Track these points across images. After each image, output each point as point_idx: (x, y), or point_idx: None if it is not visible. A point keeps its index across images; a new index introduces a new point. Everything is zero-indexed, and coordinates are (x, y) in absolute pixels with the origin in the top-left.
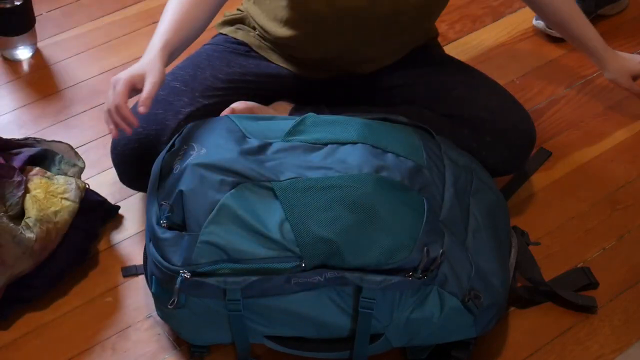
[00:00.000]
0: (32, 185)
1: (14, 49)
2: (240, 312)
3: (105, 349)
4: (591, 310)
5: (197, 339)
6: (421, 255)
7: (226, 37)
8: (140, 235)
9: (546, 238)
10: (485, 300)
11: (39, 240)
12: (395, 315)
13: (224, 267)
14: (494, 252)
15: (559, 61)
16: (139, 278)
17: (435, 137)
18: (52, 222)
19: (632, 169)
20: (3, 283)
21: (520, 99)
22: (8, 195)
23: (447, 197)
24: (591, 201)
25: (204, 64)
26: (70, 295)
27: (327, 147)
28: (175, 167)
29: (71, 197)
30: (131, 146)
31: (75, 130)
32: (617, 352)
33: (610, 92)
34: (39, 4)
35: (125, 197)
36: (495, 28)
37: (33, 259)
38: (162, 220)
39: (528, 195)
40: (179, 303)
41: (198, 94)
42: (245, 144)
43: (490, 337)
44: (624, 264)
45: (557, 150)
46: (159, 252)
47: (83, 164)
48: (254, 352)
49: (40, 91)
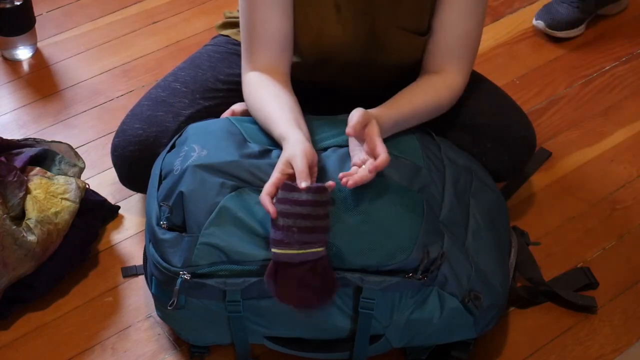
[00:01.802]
0: (32, 185)
1: (14, 49)
2: (240, 314)
3: (105, 349)
4: (591, 310)
5: (197, 340)
6: (421, 256)
7: (227, 38)
8: (140, 235)
9: (546, 238)
10: (485, 301)
11: (41, 243)
12: (396, 316)
13: (223, 268)
14: (494, 253)
15: (559, 61)
16: (139, 278)
17: (434, 137)
18: (53, 223)
19: (632, 169)
20: (4, 285)
21: (520, 99)
22: (10, 196)
23: (447, 198)
24: (591, 201)
25: (204, 65)
26: (70, 295)
27: (326, 151)
28: (176, 168)
29: (71, 198)
30: (131, 148)
31: (75, 130)
32: (617, 352)
33: (610, 92)
34: (39, 4)
35: (125, 197)
36: (495, 28)
37: (34, 261)
38: (162, 221)
39: (528, 195)
40: (178, 304)
41: (199, 96)
42: (246, 148)
43: (490, 337)
44: (624, 264)
45: (557, 150)
46: (158, 253)
47: (83, 164)
48: (253, 353)
49: (40, 91)
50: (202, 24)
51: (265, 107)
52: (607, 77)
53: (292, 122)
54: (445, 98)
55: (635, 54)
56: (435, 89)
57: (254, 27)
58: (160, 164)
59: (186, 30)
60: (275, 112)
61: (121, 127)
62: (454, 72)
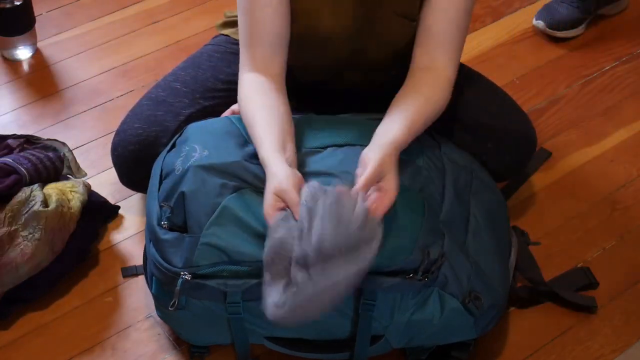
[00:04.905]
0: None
1: (14, 49)
2: (241, 315)
3: (105, 349)
4: (591, 310)
5: (197, 340)
6: (422, 257)
7: (227, 37)
8: (140, 235)
9: (546, 238)
10: (486, 301)
11: (57, 218)
12: (396, 316)
13: (224, 269)
14: (494, 253)
15: (559, 61)
16: (139, 278)
17: (434, 137)
18: (67, 207)
19: (632, 169)
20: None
21: (520, 99)
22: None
23: (447, 198)
24: (591, 201)
25: (204, 65)
26: (70, 295)
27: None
28: (177, 168)
29: (80, 191)
30: (131, 147)
31: (75, 130)
32: (617, 352)
33: (610, 92)
34: (39, 4)
35: (125, 197)
36: (495, 28)
37: (47, 246)
38: (163, 221)
39: (528, 195)
40: (179, 304)
41: (198, 95)
42: (247, 148)
43: (490, 337)
44: (624, 264)
45: (557, 150)
46: (159, 253)
47: (84, 174)
48: (253, 353)
49: (40, 91)
50: (202, 24)
51: (254, 125)
52: (607, 77)
53: (276, 145)
54: (443, 98)
55: (635, 54)
56: (431, 93)
57: (251, 27)
58: (161, 163)
59: (186, 30)
60: (262, 131)
61: (121, 126)
62: (445, 62)
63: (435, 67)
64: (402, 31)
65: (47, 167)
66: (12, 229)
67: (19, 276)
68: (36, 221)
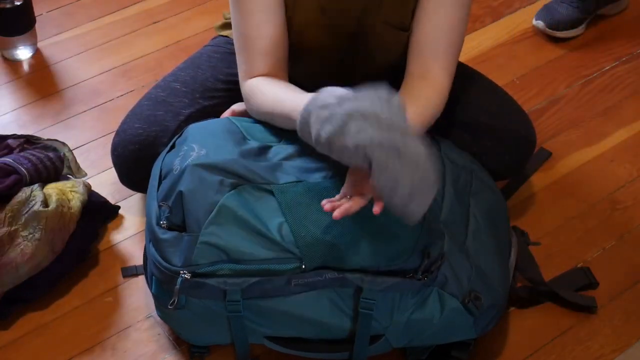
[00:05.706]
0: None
1: (14, 49)
2: (240, 314)
3: (105, 349)
4: (591, 310)
5: (197, 340)
6: (421, 257)
7: (226, 38)
8: (140, 235)
9: (546, 238)
10: (486, 301)
11: (57, 218)
12: (396, 316)
13: (224, 267)
14: (494, 253)
15: (559, 61)
16: (139, 278)
17: (434, 137)
18: (67, 207)
19: (632, 169)
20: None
21: (520, 99)
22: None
23: (447, 198)
24: (591, 201)
25: (204, 65)
26: (70, 295)
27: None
28: (175, 167)
29: (80, 191)
30: (131, 147)
31: (75, 130)
32: (617, 352)
33: (610, 92)
34: (39, 4)
35: (125, 197)
36: (495, 28)
37: (48, 245)
38: (162, 220)
39: (528, 195)
40: (179, 304)
41: (198, 95)
42: (245, 146)
43: (490, 337)
44: (624, 264)
45: (557, 150)
46: (158, 253)
47: (84, 174)
48: (253, 353)
49: (40, 91)
50: (202, 24)
51: (273, 94)
52: (607, 77)
53: (299, 92)
54: (437, 106)
55: (635, 54)
56: (427, 100)
57: (247, 37)
58: (160, 163)
59: (186, 30)
60: (283, 93)
61: (121, 126)
62: (439, 70)
63: (429, 77)
64: (396, 42)
65: (47, 167)
66: (12, 229)
67: (19, 276)
68: (36, 221)
